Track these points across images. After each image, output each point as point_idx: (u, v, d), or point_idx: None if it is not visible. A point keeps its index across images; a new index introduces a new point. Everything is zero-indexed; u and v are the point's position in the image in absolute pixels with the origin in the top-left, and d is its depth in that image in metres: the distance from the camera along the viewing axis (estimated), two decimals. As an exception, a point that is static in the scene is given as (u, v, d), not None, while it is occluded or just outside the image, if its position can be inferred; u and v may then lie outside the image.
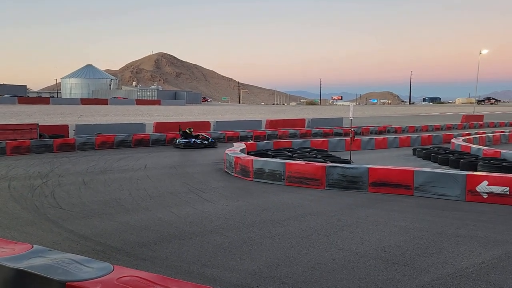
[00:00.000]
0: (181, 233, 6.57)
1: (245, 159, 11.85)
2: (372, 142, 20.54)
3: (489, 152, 15.65)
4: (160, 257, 5.53)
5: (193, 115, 44.99)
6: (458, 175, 9.22)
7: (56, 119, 34.05)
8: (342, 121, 33.65)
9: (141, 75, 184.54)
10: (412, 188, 9.49)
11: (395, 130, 30.68)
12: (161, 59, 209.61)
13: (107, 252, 5.69)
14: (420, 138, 22.38)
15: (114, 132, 21.67)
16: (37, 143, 17.83)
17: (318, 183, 10.32)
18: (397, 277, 4.89)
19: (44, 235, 6.50)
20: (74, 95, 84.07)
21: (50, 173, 12.47)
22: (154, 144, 20.82)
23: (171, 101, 73.70)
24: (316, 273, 4.99)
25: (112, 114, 41.97)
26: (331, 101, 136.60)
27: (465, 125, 36.81)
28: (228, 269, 5.11)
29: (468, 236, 6.46)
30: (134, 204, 8.60)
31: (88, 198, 9.07)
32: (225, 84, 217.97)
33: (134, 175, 12.19)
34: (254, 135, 23.93)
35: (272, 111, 57.68)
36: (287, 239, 6.29)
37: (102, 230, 6.73)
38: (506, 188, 8.61)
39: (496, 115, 54.48)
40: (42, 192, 9.71)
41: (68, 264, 3.32)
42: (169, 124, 26.93)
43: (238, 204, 8.68)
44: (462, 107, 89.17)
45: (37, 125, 19.79)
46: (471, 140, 20.58)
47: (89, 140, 19.23)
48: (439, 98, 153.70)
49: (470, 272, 5.02)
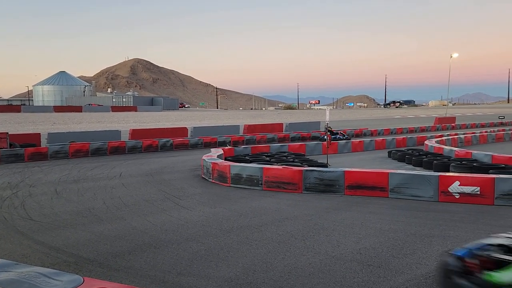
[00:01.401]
0: (156, 242, 6.46)
1: (223, 164, 11.79)
2: (348, 145, 20.81)
3: (461, 153, 16.09)
4: (134, 267, 5.42)
5: (171, 121, 44.60)
6: (431, 176, 9.42)
7: (28, 127, 33.13)
8: (319, 125, 33.99)
9: (116, 81, 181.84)
10: (387, 190, 9.64)
11: (371, 133, 31.19)
12: (137, 65, 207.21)
13: (79, 264, 5.54)
14: (395, 141, 22.82)
15: (89, 140, 21.21)
16: (7, 153, 17.26)
17: (296, 187, 10.36)
18: (372, 279, 4.94)
19: (13, 248, 6.28)
20: (46, 102, 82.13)
21: (21, 183, 12.08)
22: (131, 151, 20.49)
23: (148, 107, 72.94)
24: (292, 278, 4.98)
25: (87, 122, 41.15)
26: (308, 105, 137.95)
27: (438, 127, 37.79)
28: (204, 277, 5.04)
29: (441, 236, 6.60)
30: (108, 213, 8.41)
31: (61, 208, 8.81)
32: (202, 90, 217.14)
33: (109, 183, 11.94)
34: (232, 140, 23.88)
35: (250, 116, 57.80)
36: (264, 244, 6.27)
37: (75, 241, 6.54)
38: (477, 188, 8.85)
39: (468, 117, 56.15)
40: (11, 203, 9.38)
41: (35, 278, 3.21)
42: (146, 130, 26.60)
43: (216, 210, 8.61)
44: (435, 109, 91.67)
45: (7, 134, 19.13)
46: (444, 141, 21.11)
47: (62, 149, 18.74)
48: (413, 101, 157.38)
49: (443, 272, 5.11)
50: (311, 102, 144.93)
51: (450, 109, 77.28)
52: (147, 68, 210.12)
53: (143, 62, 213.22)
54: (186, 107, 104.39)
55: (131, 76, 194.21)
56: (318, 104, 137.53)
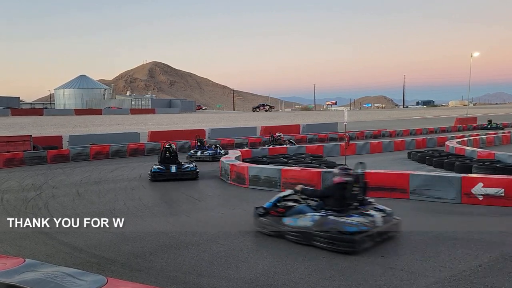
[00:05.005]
0: (176, 243, 6.51)
1: (241, 166, 11.81)
2: (367, 147, 20.57)
3: (483, 154, 15.71)
4: (155, 267, 5.47)
5: (188, 123, 44.96)
6: (453, 178, 9.23)
7: (50, 130, 33.89)
8: (337, 126, 33.73)
9: (135, 84, 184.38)
10: (408, 191, 9.49)
11: (390, 134, 30.78)
12: (155, 68, 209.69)
13: (101, 264, 5.62)
14: (414, 142, 22.46)
15: (109, 142, 21.54)
16: (31, 155, 17.70)
17: (314, 189, 10.28)
18: (394, 282, 4.86)
19: (38, 248, 6.43)
20: (67, 105, 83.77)
21: (44, 185, 12.36)
22: (150, 153, 20.73)
23: (165, 110, 73.67)
24: (313, 280, 4.94)
25: (106, 124, 41.86)
26: (325, 106, 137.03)
27: (459, 127, 37.04)
28: (225, 278, 5.05)
29: (465, 238, 6.45)
30: (129, 214, 8.52)
31: (83, 210, 8.98)
32: (219, 92, 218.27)
33: (129, 185, 12.11)
34: (249, 142, 23.91)
35: (267, 118, 57.79)
36: (284, 246, 6.24)
37: (97, 241, 6.65)
38: (501, 189, 8.62)
39: (490, 117, 54.80)
40: (35, 204, 9.60)
41: (61, 278, 3.26)
42: (164, 132, 26.88)
43: (235, 212, 8.63)
44: (455, 109, 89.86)
45: (30, 136, 19.66)
46: (465, 142, 20.66)
47: (83, 151, 19.11)
48: (433, 101, 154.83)
49: (467, 275, 5.01)
50: (328, 103, 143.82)
51: (471, 109, 75.65)
52: (165, 71, 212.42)
53: (160, 65, 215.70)
54: (203, 109, 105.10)
55: (149, 79, 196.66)
56: (335, 105, 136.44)
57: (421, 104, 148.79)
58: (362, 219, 6.00)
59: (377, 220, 6.16)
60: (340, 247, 5.74)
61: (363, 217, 6.06)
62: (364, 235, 5.81)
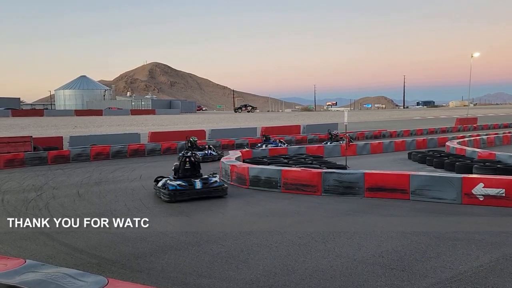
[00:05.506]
0: (177, 244, 6.51)
1: (241, 167, 11.81)
2: (367, 147, 20.56)
3: (484, 154, 15.71)
4: (156, 268, 5.47)
5: (189, 123, 44.97)
6: (453, 178, 9.23)
7: (50, 131, 33.89)
8: (337, 127, 33.69)
9: (135, 85, 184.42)
10: (409, 192, 9.48)
11: (390, 135, 30.76)
12: (155, 69, 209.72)
13: (102, 265, 5.62)
14: (415, 142, 22.44)
15: (109, 142, 21.53)
16: (31, 156, 17.70)
17: (315, 189, 10.28)
18: (395, 282, 4.85)
19: (38, 249, 6.42)
20: (68, 106, 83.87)
21: (45, 185, 12.36)
22: (150, 154, 20.73)
23: (166, 110, 73.71)
24: (314, 281, 4.94)
25: (107, 125, 41.88)
26: (325, 107, 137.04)
27: (459, 128, 37.01)
28: (225, 279, 5.05)
29: (466, 239, 6.45)
30: (130, 215, 8.50)
31: (83, 210, 8.97)
32: (219, 92, 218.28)
33: (129, 185, 12.11)
34: (250, 142, 23.91)
35: (267, 118, 57.78)
36: (284, 247, 6.25)
37: (97, 242, 6.65)
38: (502, 190, 8.61)
39: (490, 117, 54.88)
40: (36, 205, 9.60)
41: (62, 278, 3.26)
42: (165, 133, 26.88)
43: (235, 213, 8.63)
44: (455, 110, 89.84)
45: (31, 137, 19.65)
46: (466, 142, 20.64)
47: (83, 152, 19.11)
48: (433, 102, 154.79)
49: (468, 276, 5.00)
50: (328, 103, 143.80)
51: (471, 109, 75.67)
52: (165, 71, 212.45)
53: (161, 66, 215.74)
54: (203, 109, 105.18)
55: (149, 79, 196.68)
56: (335, 105, 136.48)
57: (421, 104, 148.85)
58: (183, 182, 9.72)
59: (196, 184, 9.73)
60: (164, 196, 9.59)
61: (187, 181, 9.78)
62: (179, 191, 9.52)
